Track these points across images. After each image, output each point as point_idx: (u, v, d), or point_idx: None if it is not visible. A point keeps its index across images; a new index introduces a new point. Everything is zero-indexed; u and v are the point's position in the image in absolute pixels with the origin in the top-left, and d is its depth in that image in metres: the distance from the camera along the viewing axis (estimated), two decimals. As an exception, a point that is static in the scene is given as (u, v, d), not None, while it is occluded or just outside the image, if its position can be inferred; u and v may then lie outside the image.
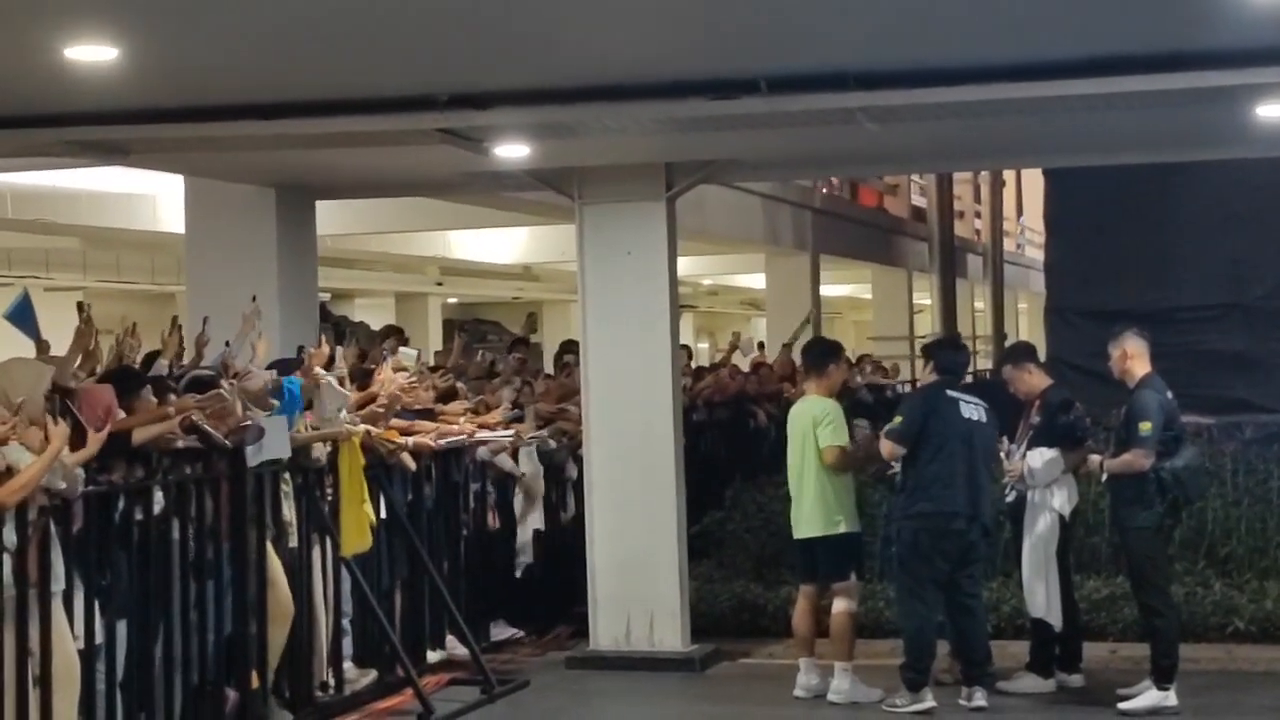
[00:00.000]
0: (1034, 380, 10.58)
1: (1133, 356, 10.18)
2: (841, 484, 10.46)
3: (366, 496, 10.13)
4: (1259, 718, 9.85)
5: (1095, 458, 10.15)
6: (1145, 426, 9.83)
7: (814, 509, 10.33)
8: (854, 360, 21.17)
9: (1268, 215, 16.58)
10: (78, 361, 9.06)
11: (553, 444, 12.63)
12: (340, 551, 10.09)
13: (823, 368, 10.75)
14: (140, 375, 9.32)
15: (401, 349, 12.41)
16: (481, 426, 11.89)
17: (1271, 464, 12.78)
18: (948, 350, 10.77)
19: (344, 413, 10.12)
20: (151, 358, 10.15)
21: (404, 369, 11.61)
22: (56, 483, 7.74)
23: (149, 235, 17.65)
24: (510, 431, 12.06)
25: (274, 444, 9.20)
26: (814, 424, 10.40)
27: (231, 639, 9.18)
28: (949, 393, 10.19)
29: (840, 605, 10.35)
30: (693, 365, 17.97)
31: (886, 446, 10.14)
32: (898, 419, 10.12)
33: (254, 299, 10.67)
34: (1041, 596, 10.20)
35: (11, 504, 7.39)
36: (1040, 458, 10.22)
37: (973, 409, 10.11)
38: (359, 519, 10.05)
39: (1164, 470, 9.83)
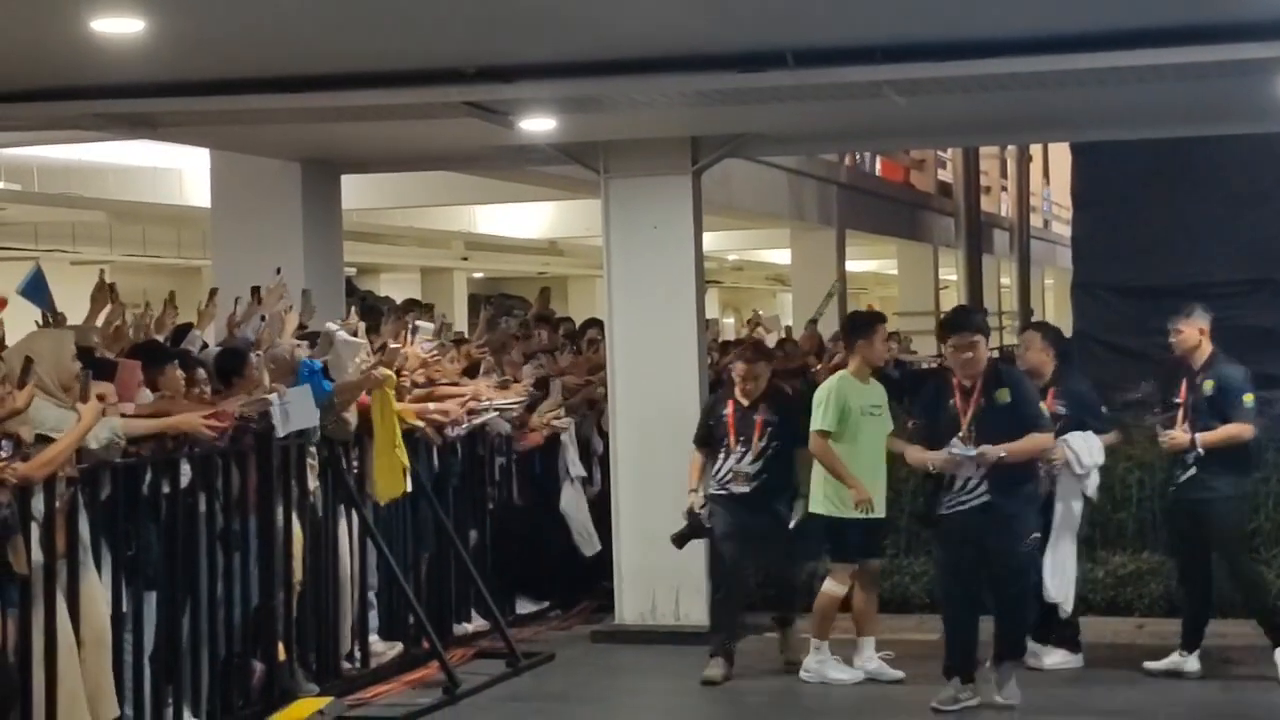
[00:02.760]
0: (1045, 361, 10.47)
1: (1206, 333, 10.18)
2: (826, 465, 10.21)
3: (400, 442, 10.06)
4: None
5: (1176, 434, 9.99)
6: (1249, 398, 9.98)
7: (813, 488, 10.29)
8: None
9: (1294, 191, 16.49)
10: (98, 321, 9.11)
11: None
12: (374, 497, 10.08)
13: (849, 344, 10.63)
14: (168, 350, 9.35)
15: (419, 322, 12.42)
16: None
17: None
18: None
19: (363, 359, 10.10)
20: (183, 330, 10.19)
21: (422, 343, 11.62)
22: (117, 446, 7.79)
23: (175, 209, 17.67)
24: (522, 398, 11.98)
25: (300, 414, 9.21)
26: (814, 404, 10.33)
27: (258, 611, 9.20)
28: None
29: (825, 585, 10.30)
30: (719, 340, 17.93)
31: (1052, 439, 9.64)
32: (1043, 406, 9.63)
33: (279, 271, 10.68)
34: (1060, 580, 10.14)
35: (40, 479, 7.40)
36: (1084, 441, 10.12)
37: None
38: (392, 465, 10.03)
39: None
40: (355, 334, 10.54)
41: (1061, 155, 25.71)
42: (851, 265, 26.51)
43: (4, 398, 7.32)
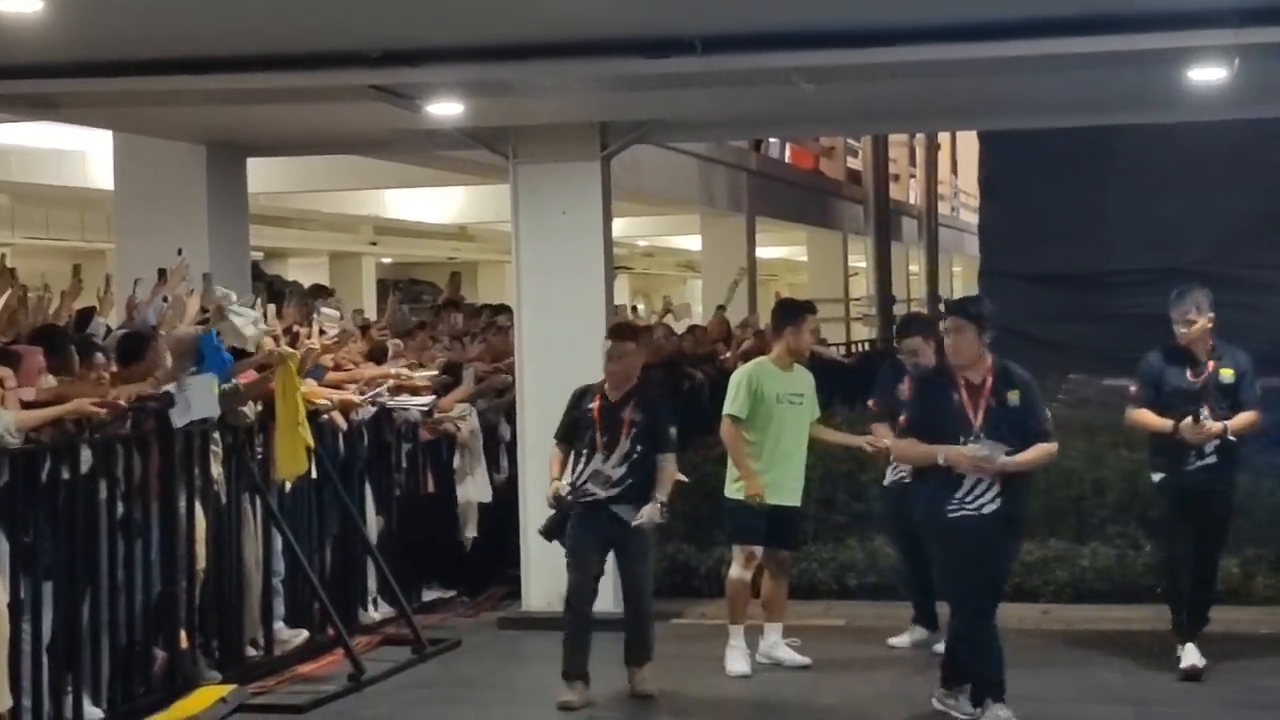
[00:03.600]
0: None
1: (1212, 321, 9.78)
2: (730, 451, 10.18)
3: (303, 420, 9.94)
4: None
5: (1214, 424, 9.52)
6: (1258, 385, 9.76)
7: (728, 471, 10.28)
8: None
9: (1202, 179, 16.68)
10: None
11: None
12: (275, 475, 9.98)
13: (778, 329, 10.43)
14: (66, 335, 9.24)
15: (324, 309, 12.34)
16: (402, 388, 11.76)
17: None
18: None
19: (261, 326, 10.01)
20: (86, 315, 10.08)
21: (325, 330, 11.55)
22: (7, 443, 7.71)
23: (78, 192, 17.46)
24: (428, 400, 11.93)
25: (201, 403, 9.11)
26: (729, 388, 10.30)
27: (160, 599, 9.10)
28: None
29: (730, 570, 10.29)
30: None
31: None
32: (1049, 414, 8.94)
33: (180, 252, 10.57)
34: None
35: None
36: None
37: None
38: (294, 443, 9.89)
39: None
40: (264, 318, 10.46)
41: (970, 143, 25.90)
42: (761, 252, 26.59)
43: None
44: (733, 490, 10.12)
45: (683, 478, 10.02)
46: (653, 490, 9.50)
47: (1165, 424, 9.64)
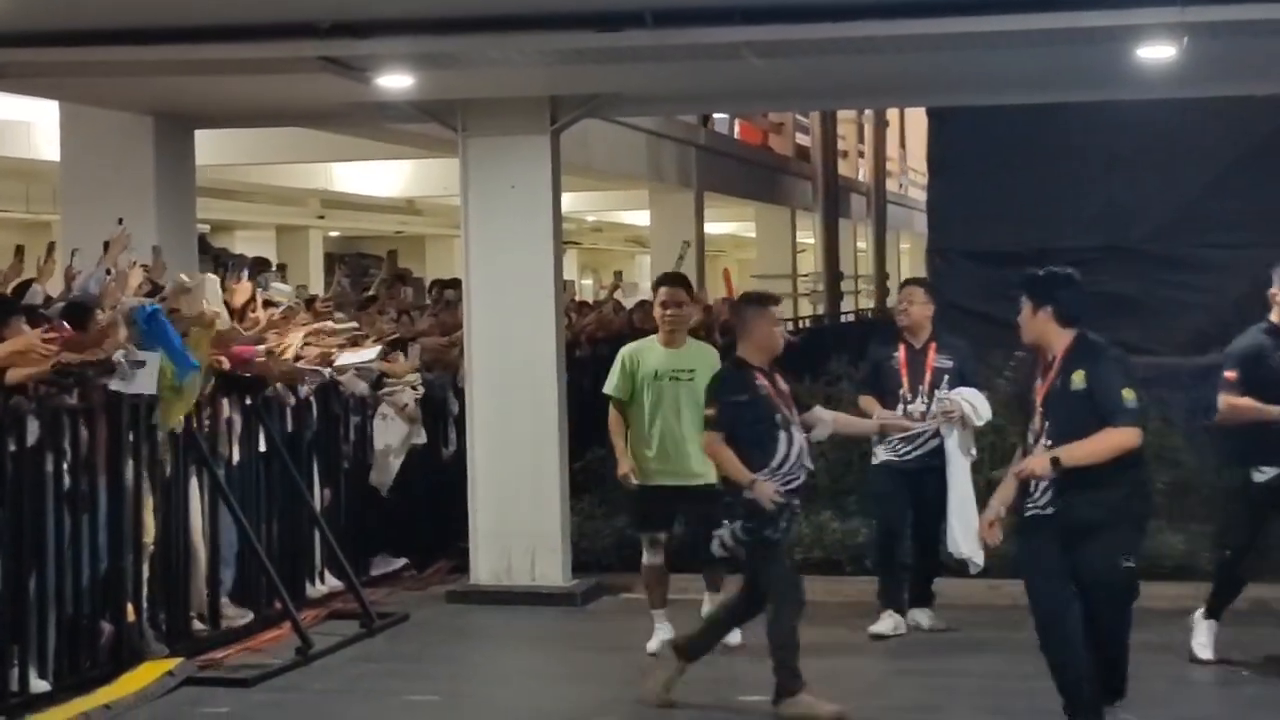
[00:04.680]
0: (928, 316, 10.39)
1: None
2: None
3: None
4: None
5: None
6: None
7: None
8: (736, 298, 21.23)
9: (1149, 157, 16.75)
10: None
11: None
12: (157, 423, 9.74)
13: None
14: (13, 303, 9.18)
15: (274, 284, 12.30)
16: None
17: (1155, 406, 12.90)
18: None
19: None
20: (24, 286, 10.01)
21: (275, 303, 11.51)
22: None
23: (24, 163, 17.30)
24: (375, 350, 11.88)
25: (143, 379, 9.06)
26: None
27: (107, 572, 9.07)
28: None
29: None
30: (575, 301, 17.95)
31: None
32: (1133, 395, 7.55)
33: (120, 221, 10.50)
34: (969, 535, 9.95)
35: None
36: (976, 395, 9.81)
37: None
38: (178, 406, 9.67)
39: None
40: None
41: (918, 120, 25.97)
42: (710, 227, 26.62)
43: None
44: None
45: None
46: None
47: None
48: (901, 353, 10.33)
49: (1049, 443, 7.53)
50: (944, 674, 9.53)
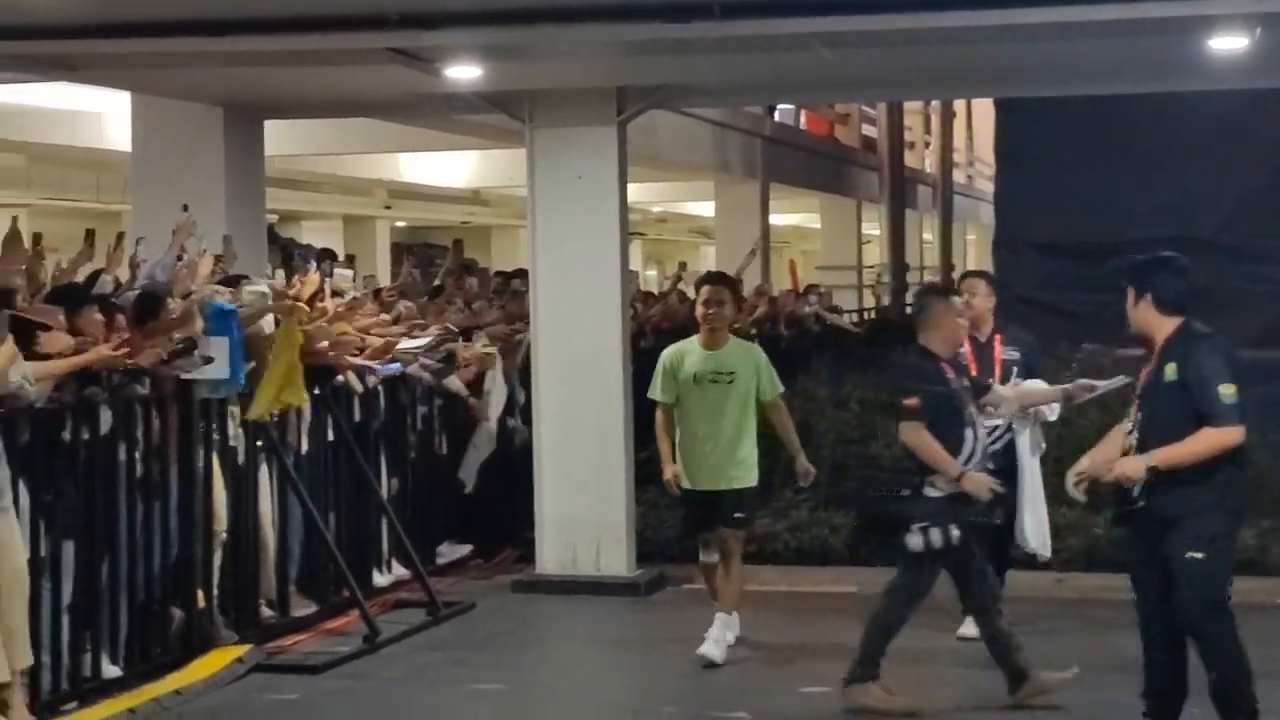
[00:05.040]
0: (990, 308, 10.17)
1: None
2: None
3: (297, 382, 9.81)
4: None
5: None
6: None
7: None
8: (801, 290, 21.23)
9: (1219, 148, 16.61)
10: (17, 266, 9.03)
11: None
12: (248, 414, 9.85)
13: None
14: (87, 293, 9.26)
15: (337, 270, 12.34)
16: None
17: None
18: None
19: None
20: (95, 276, 10.09)
21: (340, 292, 11.56)
22: (26, 391, 7.75)
23: (95, 153, 17.47)
24: (428, 338, 11.91)
25: (216, 366, 9.12)
26: None
27: (178, 559, 9.15)
28: None
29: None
30: (640, 291, 17.96)
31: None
32: (1231, 390, 7.16)
33: (185, 208, 10.55)
34: (1034, 528, 9.81)
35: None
36: (1040, 384, 9.69)
37: None
38: (275, 395, 9.74)
39: None
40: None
41: (986, 111, 25.84)
42: (775, 219, 26.58)
43: None
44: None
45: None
46: None
47: None
48: (968, 347, 9.92)
49: (1137, 435, 7.31)
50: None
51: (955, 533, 8.15)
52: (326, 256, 13.83)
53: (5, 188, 22.22)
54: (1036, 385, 9.71)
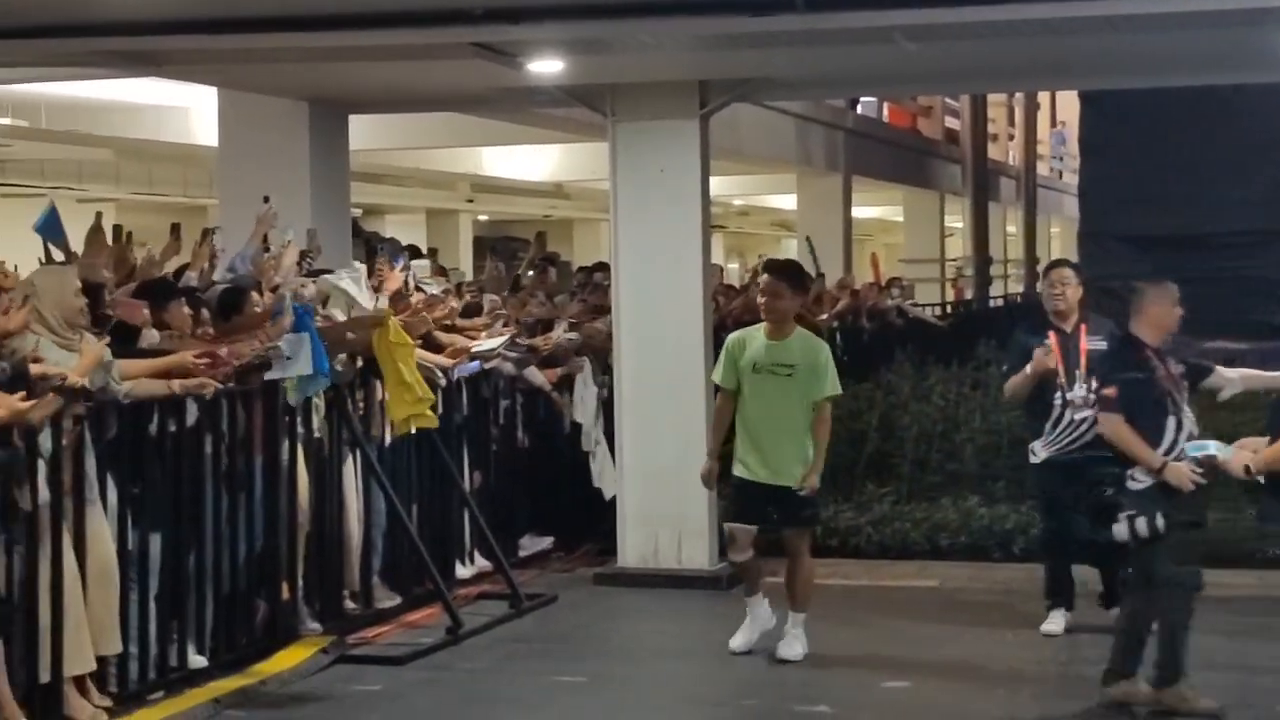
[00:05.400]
0: (1079, 298, 10.02)
1: None
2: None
3: (416, 378, 9.97)
4: None
5: None
6: None
7: None
8: (883, 283, 21.17)
9: (1306, 140, 16.47)
10: (102, 259, 9.14)
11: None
12: (394, 431, 10.11)
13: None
14: (174, 287, 9.36)
15: (414, 262, 12.40)
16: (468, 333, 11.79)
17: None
18: None
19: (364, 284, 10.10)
20: (182, 270, 10.20)
21: (421, 286, 11.62)
22: (114, 389, 7.84)
23: (182, 148, 17.65)
24: (504, 337, 11.94)
25: (298, 362, 9.19)
26: None
27: (263, 551, 9.23)
28: None
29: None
30: (722, 284, 17.95)
31: None
32: None
33: (266, 199, 10.61)
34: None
35: (40, 420, 7.40)
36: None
37: None
38: (403, 398, 9.94)
39: None
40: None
41: (1070, 103, 25.67)
42: (857, 211, 26.52)
43: None
44: (735, 467, 9.51)
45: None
46: None
47: None
48: (1053, 339, 9.88)
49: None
50: (1096, 661, 9.42)
51: (1160, 521, 7.94)
52: (412, 254, 13.91)
53: (94, 182, 22.51)
54: (1252, 372, 9.31)
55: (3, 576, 7.32)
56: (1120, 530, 8.09)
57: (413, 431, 10.25)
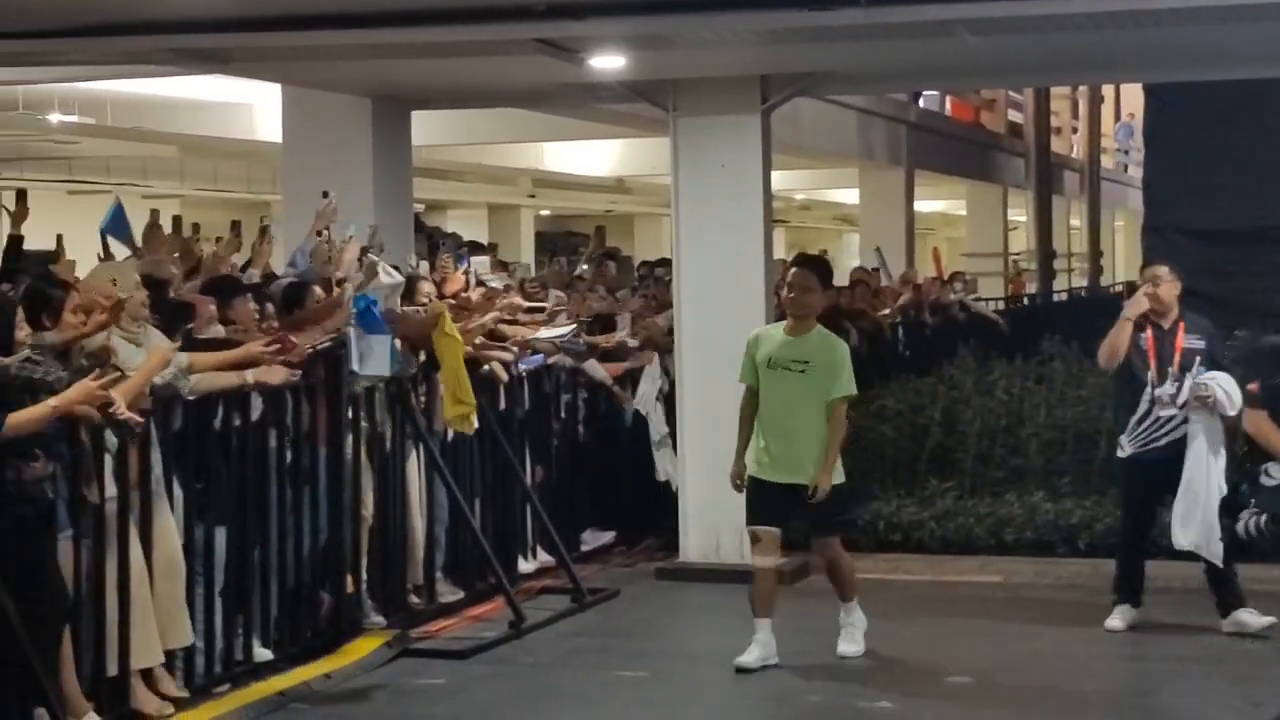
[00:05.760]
0: (1176, 295, 9.85)
1: None
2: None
3: (464, 380, 9.99)
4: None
5: None
6: None
7: None
8: (946, 278, 21.09)
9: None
10: (165, 255, 9.23)
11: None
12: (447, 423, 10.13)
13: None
14: (241, 284, 9.43)
15: (474, 259, 12.43)
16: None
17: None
18: None
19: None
20: (245, 267, 10.27)
21: (483, 283, 11.66)
22: (181, 384, 7.94)
23: (246, 144, 17.77)
24: (570, 326, 11.96)
25: (375, 361, 9.24)
26: None
27: (327, 544, 9.28)
28: None
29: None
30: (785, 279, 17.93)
31: None
32: None
33: (325, 194, 10.66)
34: (1181, 524, 9.49)
35: (100, 417, 7.48)
36: (1229, 381, 9.30)
37: None
38: (456, 397, 9.96)
39: None
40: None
41: (1135, 95, 25.53)
42: (920, 205, 26.45)
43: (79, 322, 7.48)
44: (751, 465, 9.19)
45: None
46: None
47: None
48: (1149, 334, 9.71)
49: None
50: (1159, 659, 9.39)
51: (1265, 522, 7.86)
52: (466, 247, 13.95)
53: (159, 179, 22.68)
54: (1218, 380, 9.34)
55: (70, 570, 7.38)
56: (1239, 527, 8.02)
57: (474, 425, 10.25)
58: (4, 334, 7.19)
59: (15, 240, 9.89)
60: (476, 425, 10.25)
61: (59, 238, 10.63)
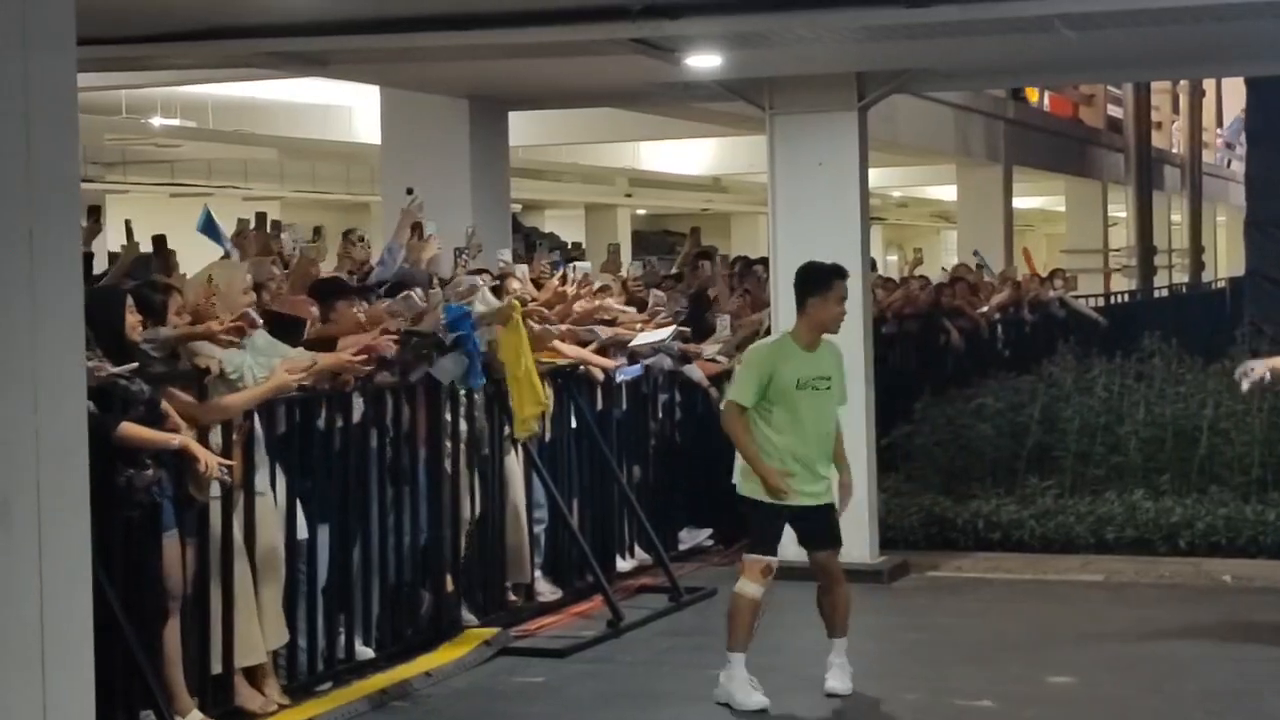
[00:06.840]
0: None
1: None
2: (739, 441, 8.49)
3: (535, 382, 9.88)
4: None
5: None
6: None
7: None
8: (1045, 275, 20.95)
9: None
10: (265, 260, 9.35)
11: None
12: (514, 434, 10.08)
13: (799, 301, 8.57)
14: (343, 286, 9.50)
15: (576, 263, 12.45)
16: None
17: None
18: None
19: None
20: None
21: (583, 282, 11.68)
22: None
23: (344, 146, 17.92)
24: (670, 329, 11.96)
25: (447, 372, 9.28)
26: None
27: (427, 544, 9.34)
28: None
29: (737, 583, 8.69)
30: (881, 277, 17.88)
31: None
32: None
33: (409, 192, 10.70)
34: None
35: (209, 422, 7.58)
36: None
37: None
38: (523, 399, 9.83)
39: None
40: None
41: (1236, 89, 25.24)
42: (1018, 202, 26.28)
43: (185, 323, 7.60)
44: (746, 486, 8.53)
45: None
46: None
47: None
48: None
49: None
50: (1262, 659, 9.29)
51: None
52: (559, 250, 14.00)
53: (259, 181, 22.90)
54: None
55: (177, 569, 7.48)
56: None
57: (535, 427, 10.09)
58: (115, 325, 7.27)
59: (86, 257, 9.98)
60: (538, 429, 10.14)
61: (162, 239, 10.69)
